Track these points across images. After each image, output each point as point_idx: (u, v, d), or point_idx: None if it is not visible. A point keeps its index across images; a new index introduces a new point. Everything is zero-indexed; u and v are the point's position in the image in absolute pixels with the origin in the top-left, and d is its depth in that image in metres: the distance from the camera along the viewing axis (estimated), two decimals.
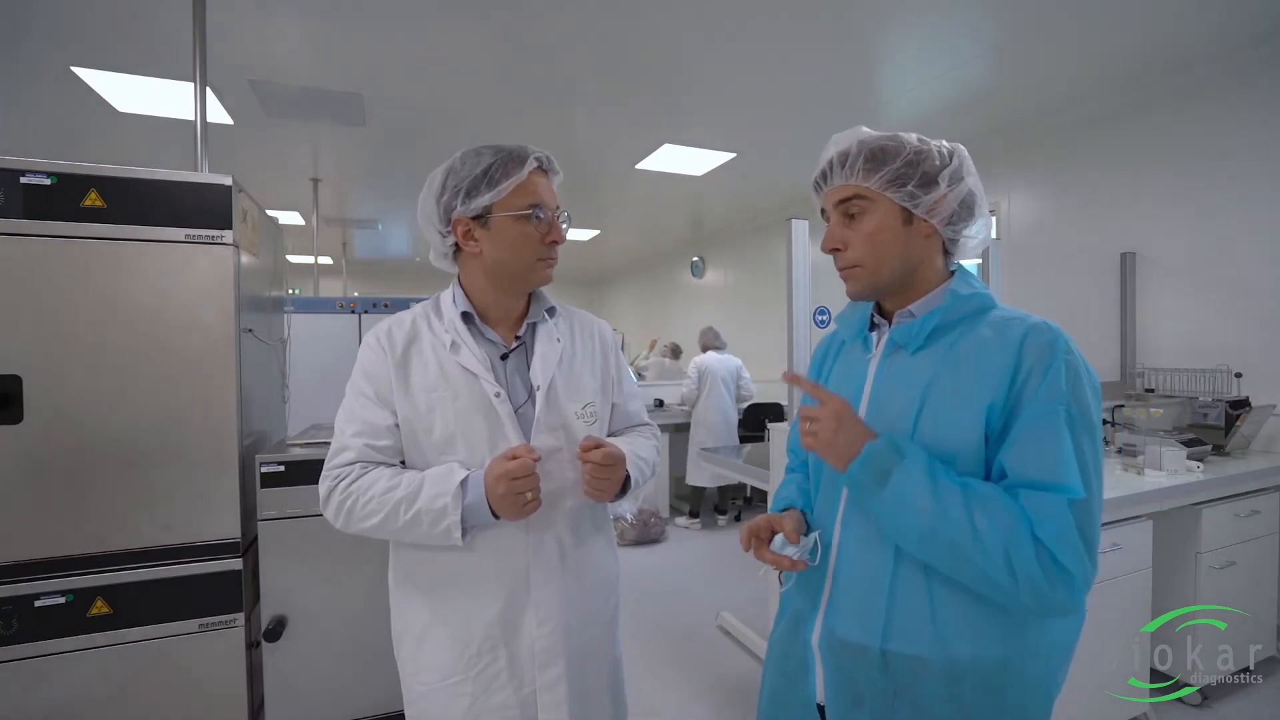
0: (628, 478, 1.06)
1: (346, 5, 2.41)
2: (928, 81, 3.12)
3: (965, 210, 0.86)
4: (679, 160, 4.34)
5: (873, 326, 0.95)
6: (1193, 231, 2.93)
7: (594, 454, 0.99)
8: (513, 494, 0.92)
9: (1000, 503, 0.73)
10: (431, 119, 3.61)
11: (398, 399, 1.00)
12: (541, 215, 1.01)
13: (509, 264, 1.02)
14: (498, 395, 1.01)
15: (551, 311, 1.13)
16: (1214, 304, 2.86)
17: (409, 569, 1.06)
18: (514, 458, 0.94)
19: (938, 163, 0.84)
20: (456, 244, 1.03)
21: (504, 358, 1.06)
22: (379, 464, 1.00)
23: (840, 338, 1.02)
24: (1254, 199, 2.72)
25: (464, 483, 0.95)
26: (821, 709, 0.88)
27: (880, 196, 0.85)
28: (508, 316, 1.09)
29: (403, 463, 1.03)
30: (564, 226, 1.05)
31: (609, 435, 1.17)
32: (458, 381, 1.01)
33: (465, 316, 1.05)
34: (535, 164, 1.01)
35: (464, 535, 0.95)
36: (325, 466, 1.01)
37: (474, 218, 1.00)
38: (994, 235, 3.88)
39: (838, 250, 0.89)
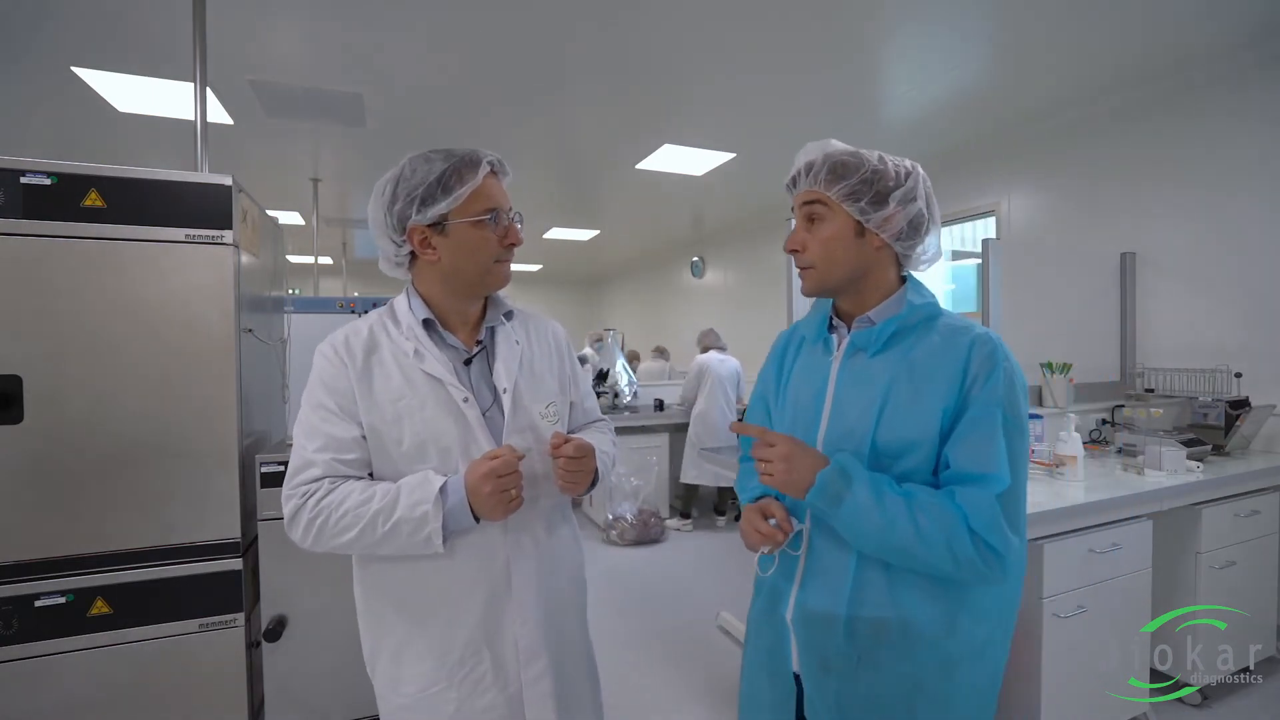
0: (595, 471, 1.09)
1: (346, 5, 2.41)
2: (927, 82, 3.12)
3: (913, 229, 0.95)
4: (679, 160, 4.34)
5: (831, 328, 1.03)
6: (1193, 231, 2.93)
7: (565, 448, 1.00)
8: (499, 491, 0.93)
9: (939, 505, 0.86)
10: (432, 119, 3.61)
11: (363, 410, 0.99)
12: (499, 219, 1.02)
13: (468, 269, 1.02)
14: (466, 400, 1.01)
15: (509, 315, 1.13)
16: (1214, 304, 2.86)
17: (381, 583, 1.04)
18: (495, 458, 0.94)
19: (891, 184, 0.93)
20: (412, 252, 1.03)
21: (467, 363, 1.06)
22: (347, 478, 0.98)
23: (800, 334, 1.10)
24: (1254, 199, 2.72)
25: (443, 489, 0.94)
26: (797, 677, 0.99)
27: (838, 206, 0.94)
28: (466, 321, 1.09)
29: (370, 475, 1.01)
30: (519, 227, 1.06)
31: (569, 432, 1.19)
32: (424, 389, 1.00)
33: (426, 323, 1.04)
34: (488, 168, 1.01)
35: (444, 542, 0.94)
36: (287, 485, 0.97)
37: (430, 225, 0.99)
38: (994, 235, 3.88)
39: (796, 252, 0.99)
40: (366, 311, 1.15)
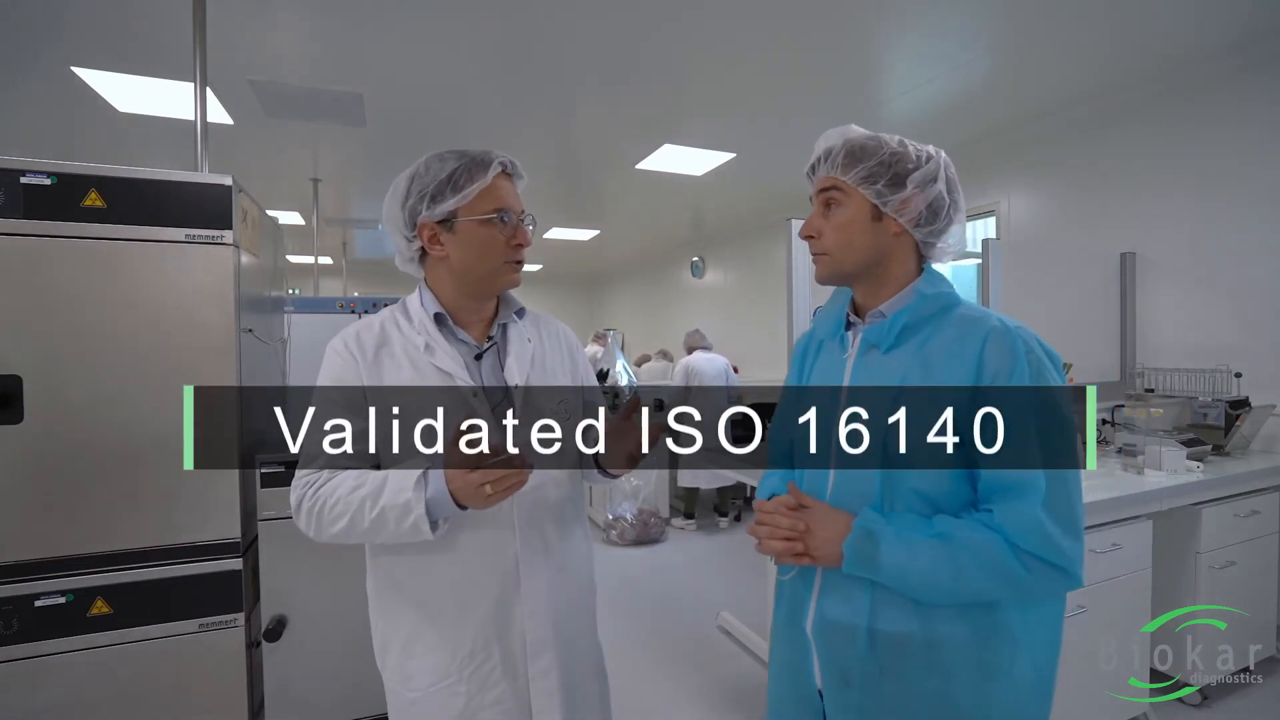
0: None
1: (347, 5, 2.41)
2: (927, 82, 3.12)
3: (932, 214, 0.90)
4: (679, 160, 4.34)
5: (849, 325, 0.99)
6: (1193, 231, 2.93)
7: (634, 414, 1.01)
8: (477, 485, 0.87)
9: (978, 537, 0.80)
10: (432, 119, 3.61)
11: (371, 402, 0.99)
12: (507, 219, 1.02)
13: (475, 268, 1.03)
14: (475, 395, 1.01)
15: (521, 313, 1.15)
16: (1214, 304, 2.86)
17: (393, 577, 1.04)
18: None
19: (910, 166, 0.89)
20: (423, 248, 1.04)
21: (478, 358, 1.07)
22: (349, 470, 0.98)
23: (818, 336, 1.05)
24: (1254, 198, 2.72)
25: (425, 475, 0.91)
26: (822, 694, 0.92)
27: (854, 191, 0.90)
28: (478, 318, 1.09)
29: (377, 466, 1.00)
30: (529, 229, 1.06)
31: None
32: (433, 382, 1.01)
33: (437, 318, 1.05)
34: (499, 168, 1.02)
35: (434, 529, 0.91)
36: (295, 476, 0.99)
37: (439, 222, 1.01)
38: (994, 235, 3.88)
39: (812, 238, 0.96)
40: (366, 312, 1.15)
